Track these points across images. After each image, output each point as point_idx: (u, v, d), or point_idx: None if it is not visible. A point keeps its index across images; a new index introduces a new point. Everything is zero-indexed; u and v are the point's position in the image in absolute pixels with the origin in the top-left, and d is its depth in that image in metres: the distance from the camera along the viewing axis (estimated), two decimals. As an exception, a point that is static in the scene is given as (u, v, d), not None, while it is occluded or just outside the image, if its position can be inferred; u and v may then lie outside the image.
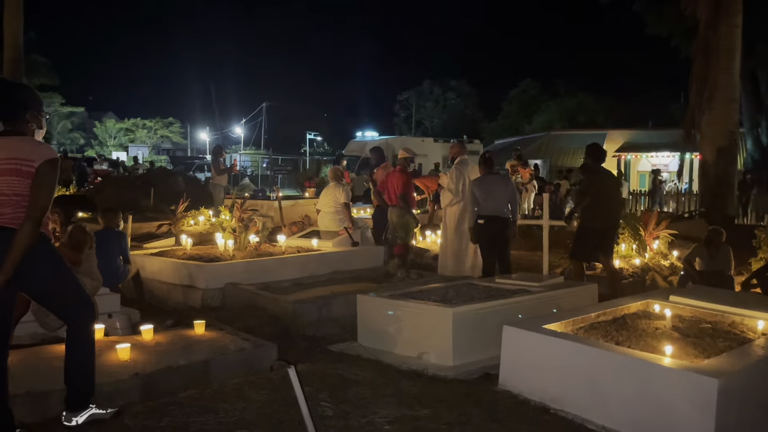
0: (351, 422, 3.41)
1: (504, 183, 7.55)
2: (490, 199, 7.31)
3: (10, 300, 3.12)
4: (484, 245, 7.50)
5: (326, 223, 8.78)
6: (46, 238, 3.16)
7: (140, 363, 4.07)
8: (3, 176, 2.99)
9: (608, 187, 7.04)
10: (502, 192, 7.38)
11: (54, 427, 3.32)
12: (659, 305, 4.74)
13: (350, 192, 8.83)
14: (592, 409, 3.57)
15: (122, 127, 49.44)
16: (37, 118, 3.18)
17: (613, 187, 7.32)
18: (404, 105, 53.87)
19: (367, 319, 5.32)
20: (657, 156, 26.39)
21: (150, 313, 5.81)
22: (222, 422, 3.34)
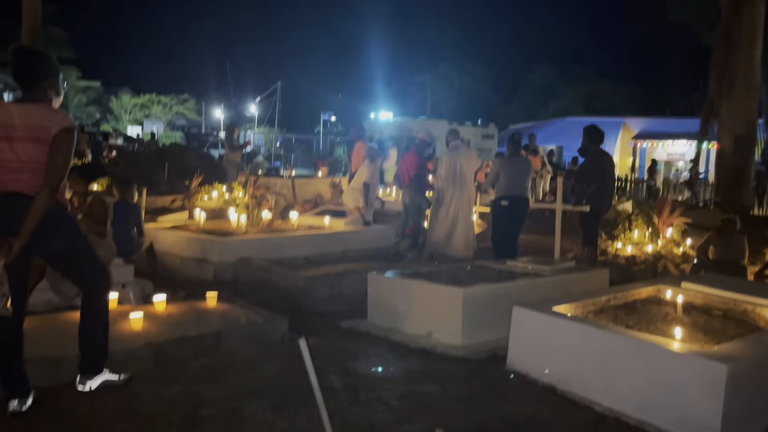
0: (359, 396, 3.45)
1: (529, 165, 7.66)
2: (517, 180, 7.36)
3: (26, 266, 3.16)
4: (502, 225, 7.49)
5: (347, 199, 8.82)
6: (63, 206, 3.19)
7: (153, 332, 4.12)
8: (21, 143, 3.02)
9: (608, 169, 7.09)
10: (526, 174, 7.50)
11: (67, 391, 3.38)
12: (671, 291, 4.73)
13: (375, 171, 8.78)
14: (600, 391, 3.58)
15: (138, 103, 49.53)
16: (55, 86, 3.20)
17: (612, 169, 7.39)
18: (419, 87, 53.52)
19: (378, 297, 5.35)
20: (673, 144, 26.09)
21: (162, 285, 5.86)
22: (233, 391, 3.38)
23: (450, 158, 8.07)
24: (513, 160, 7.57)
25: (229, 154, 13.51)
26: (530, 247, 9.06)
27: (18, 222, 2.97)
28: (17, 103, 3.14)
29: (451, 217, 8.00)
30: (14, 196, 3.03)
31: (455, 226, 8.02)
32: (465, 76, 52.24)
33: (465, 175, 8.07)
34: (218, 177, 12.39)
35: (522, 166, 7.55)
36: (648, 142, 26.98)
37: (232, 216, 7.67)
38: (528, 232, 10.62)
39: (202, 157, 16.96)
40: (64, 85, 3.31)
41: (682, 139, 25.64)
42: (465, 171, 8.07)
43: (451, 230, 8.01)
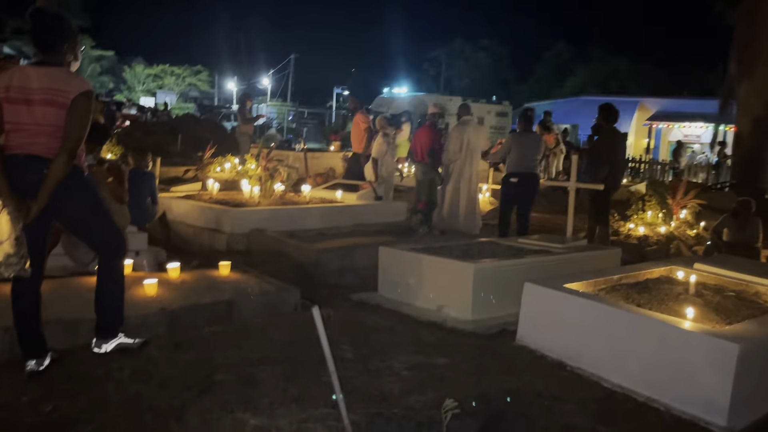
0: (370, 366, 3.48)
1: (540, 142, 7.64)
2: (527, 156, 7.34)
3: (44, 229, 3.20)
4: (509, 201, 7.50)
5: (367, 172, 8.85)
6: (80, 170, 3.21)
7: (166, 299, 4.17)
8: (39, 106, 3.03)
9: (620, 148, 7.13)
10: (537, 151, 7.48)
11: (83, 353, 3.44)
12: (683, 272, 4.71)
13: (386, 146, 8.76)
14: (609, 368, 3.59)
15: (151, 73, 49.48)
16: (73, 50, 3.20)
17: (624, 148, 7.40)
18: (434, 63, 53.02)
19: (389, 270, 5.37)
20: (690, 126, 25.76)
21: (175, 254, 5.91)
22: (245, 358, 3.43)
23: (459, 132, 8.04)
24: (524, 136, 7.56)
25: (241, 126, 13.49)
26: (541, 226, 9.05)
27: (36, 185, 3.00)
28: (35, 65, 3.14)
29: (458, 192, 8.03)
30: (32, 159, 3.05)
31: (463, 201, 8.05)
32: (480, 52, 51.64)
33: (473, 151, 8.04)
34: (231, 149, 12.41)
35: (533, 142, 7.51)
36: (664, 124, 26.65)
37: (244, 187, 7.69)
38: (539, 211, 10.61)
39: (214, 129, 16.99)
40: (80, 50, 3.31)
41: (698, 120, 25.31)
42: (474, 146, 8.05)
43: (458, 205, 8.04)
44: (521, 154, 7.35)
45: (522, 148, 7.38)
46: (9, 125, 3.06)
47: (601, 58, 42.79)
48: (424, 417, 2.89)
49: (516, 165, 7.36)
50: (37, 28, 3.15)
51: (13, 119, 3.05)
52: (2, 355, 3.34)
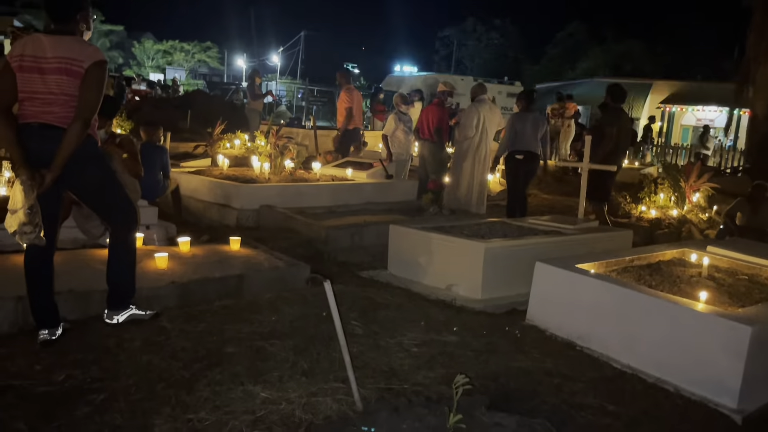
0: (380, 341, 3.49)
1: (541, 121, 7.59)
2: (529, 135, 7.35)
3: (57, 198, 3.20)
4: (517, 180, 7.51)
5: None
6: (94, 140, 3.20)
7: (177, 272, 4.19)
8: (53, 75, 3.01)
9: (624, 128, 7.17)
10: (538, 129, 7.44)
11: (95, 324, 3.46)
12: (696, 254, 4.68)
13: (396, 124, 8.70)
14: (619, 349, 3.59)
15: (160, 49, 49.31)
16: (86, 19, 3.18)
17: (628, 129, 7.47)
18: (445, 42, 52.54)
19: (398, 248, 5.37)
20: (704, 110, 25.46)
21: (186, 228, 5.92)
22: (256, 332, 3.44)
23: (473, 111, 7.95)
24: (524, 115, 7.50)
25: (251, 102, 13.45)
26: (552, 208, 9.01)
27: (50, 154, 3.00)
28: (49, 34, 3.12)
29: (470, 170, 7.95)
30: (46, 127, 3.04)
31: (473, 180, 7.98)
32: (492, 32, 51.12)
33: (487, 130, 7.95)
34: (240, 125, 12.38)
35: (534, 121, 7.46)
36: (677, 107, 26.35)
37: (255, 163, 7.68)
38: (550, 193, 10.58)
39: (224, 105, 16.94)
40: (92, 19, 3.29)
41: (712, 104, 25.01)
42: (488, 125, 7.95)
43: (469, 184, 7.97)
44: (522, 133, 7.35)
45: (523, 127, 7.36)
46: (23, 94, 3.05)
47: (614, 39, 42.25)
48: (434, 393, 2.90)
49: (518, 143, 7.35)
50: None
51: (27, 88, 3.04)
52: (15, 325, 3.37)
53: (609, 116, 7.18)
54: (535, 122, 7.44)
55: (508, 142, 7.50)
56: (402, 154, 8.98)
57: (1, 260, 4.12)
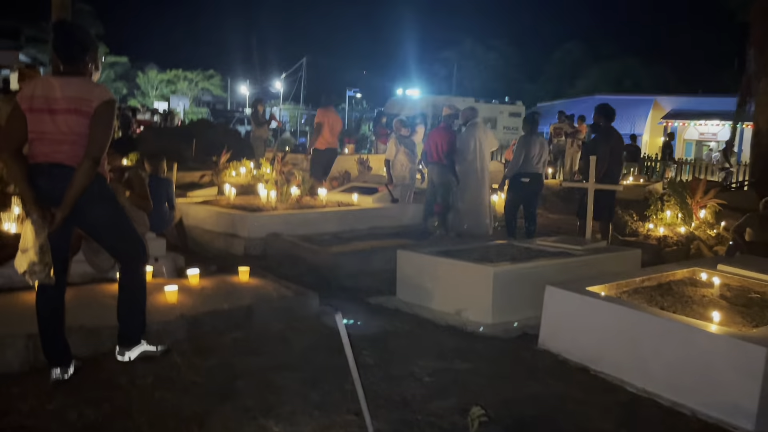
0: (392, 372, 3.47)
1: (545, 144, 7.95)
2: (536, 158, 7.62)
3: (67, 236, 3.22)
4: (518, 201, 7.76)
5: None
6: (103, 178, 3.23)
7: (187, 305, 4.18)
8: (63, 115, 3.05)
9: (616, 147, 7.30)
10: (544, 152, 7.80)
11: (106, 360, 3.45)
12: (706, 273, 4.65)
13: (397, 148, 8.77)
14: (633, 372, 3.56)
15: (164, 78, 49.88)
16: (95, 60, 3.23)
17: (620, 147, 7.63)
18: (444, 64, 52.92)
19: (406, 274, 5.35)
20: (706, 124, 25.53)
21: (193, 259, 5.93)
22: (266, 364, 3.42)
23: (470, 135, 8.14)
24: (532, 138, 7.78)
25: (255, 130, 13.56)
26: (558, 228, 9.00)
27: (60, 193, 3.03)
28: (58, 76, 3.17)
29: (473, 193, 8.08)
30: (56, 167, 3.07)
31: (477, 204, 8.10)
32: (491, 52, 51.50)
33: (484, 152, 8.17)
34: (245, 153, 12.46)
35: (540, 144, 7.80)
36: (679, 122, 26.43)
37: (261, 192, 7.71)
38: (556, 213, 10.56)
39: (228, 133, 17.06)
40: (101, 59, 3.34)
41: (714, 118, 25.08)
42: (484, 148, 8.18)
43: (473, 207, 8.08)
44: (529, 155, 7.64)
45: (530, 150, 7.66)
46: (33, 134, 3.09)
47: (612, 56, 42.53)
48: (448, 423, 2.88)
49: (525, 165, 7.63)
50: (60, 40, 3.17)
51: (37, 128, 3.07)
52: (26, 363, 3.36)
53: (601, 136, 7.31)
54: (541, 145, 7.81)
55: (516, 164, 7.71)
56: (405, 177, 9.02)
57: (12, 298, 4.14)
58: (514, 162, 7.77)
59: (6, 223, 5.08)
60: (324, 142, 9.43)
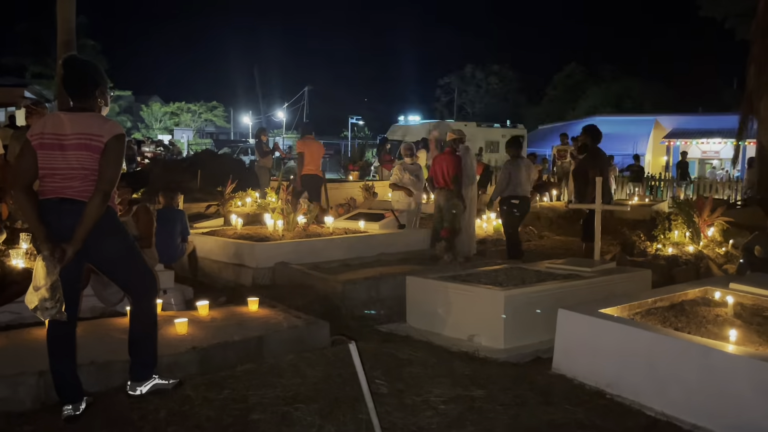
0: (406, 400, 3.42)
1: (531, 166, 8.38)
2: (523, 180, 7.93)
3: (78, 271, 3.22)
4: (517, 223, 8.05)
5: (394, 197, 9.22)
6: (113, 212, 3.24)
7: (197, 337, 4.16)
8: (73, 150, 3.07)
9: (605, 168, 7.56)
10: (529, 175, 8.13)
11: (118, 396, 3.42)
12: (719, 292, 4.61)
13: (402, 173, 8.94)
14: (651, 395, 3.51)
15: (167, 111, 50.41)
16: (104, 95, 3.26)
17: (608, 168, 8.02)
18: (446, 89, 53.39)
19: (416, 300, 5.33)
20: (708, 143, 25.58)
21: (202, 290, 5.92)
22: (280, 396, 3.39)
23: (465, 159, 8.31)
24: (518, 162, 8.04)
25: (260, 160, 13.63)
26: (567, 249, 8.97)
27: (71, 228, 3.03)
28: (68, 112, 3.20)
29: (469, 217, 8.34)
30: (67, 202, 3.08)
31: (469, 226, 8.37)
32: (491, 76, 51.98)
33: (473, 177, 8.57)
34: (250, 183, 12.50)
35: (526, 167, 8.11)
36: (681, 141, 26.49)
37: (268, 221, 7.72)
38: (562, 234, 10.54)
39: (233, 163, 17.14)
40: (110, 94, 3.37)
41: (716, 136, 25.13)
42: (473, 173, 8.56)
43: (468, 230, 8.29)
44: (517, 178, 7.89)
45: (518, 173, 7.92)
46: (43, 170, 3.11)
47: (612, 78, 42.84)
48: (466, 452, 2.83)
49: (513, 188, 7.89)
50: (70, 76, 3.21)
51: (47, 164, 3.09)
52: (38, 400, 3.34)
53: (590, 157, 7.46)
54: (527, 167, 8.11)
55: (503, 187, 7.99)
56: (411, 203, 9.04)
57: (22, 334, 4.11)
58: (500, 185, 8.05)
59: (15, 259, 5.09)
60: (306, 169, 10.00)
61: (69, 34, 15.12)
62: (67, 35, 15.33)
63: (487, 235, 9.71)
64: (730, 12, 20.57)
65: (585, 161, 7.50)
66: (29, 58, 32.29)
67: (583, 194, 7.23)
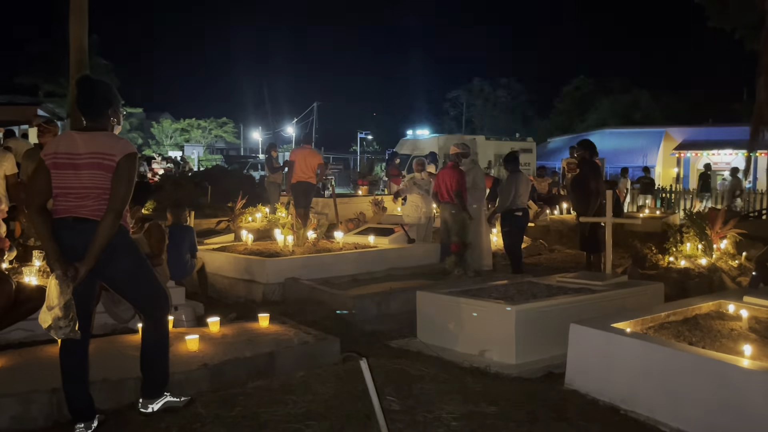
0: (417, 417, 3.40)
1: (529, 181, 8.69)
2: (523, 193, 8.10)
3: (91, 290, 3.24)
4: (519, 235, 8.20)
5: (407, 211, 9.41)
6: (125, 230, 3.26)
7: (208, 354, 4.16)
8: (86, 170, 3.10)
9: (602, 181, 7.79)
10: (528, 189, 8.36)
11: (129, 413, 3.42)
12: (733, 306, 4.56)
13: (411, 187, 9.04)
14: (665, 411, 3.46)
15: (178, 128, 50.80)
16: (117, 114, 3.29)
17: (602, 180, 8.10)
18: (454, 103, 53.52)
19: (427, 315, 5.31)
20: (719, 154, 25.41)
21: (212, 307, 5.94)
22: (291, 413, 3.37)
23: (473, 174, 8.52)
24: (517, 176, 8.19)
25: (270, 176, 13.71)
26: (577, 263, 8.91)
27: (84, 247, 3.05)
28: (81, 131, 3.23)
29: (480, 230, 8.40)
30: (80, 221, 3.11)
31: (481, 240, 8.41)
32: (499, 90, 52.03)
33: (483, 191, 8.81)
34: (259, 198, 12.56)
35: (526, 181, 8.35)
36: (692, 152, 26.35)
37: (278, 236, 7.74)
38: (572, 247, 10.48)
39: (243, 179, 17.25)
40: (122, 113, 3.41)
41: (727, 147, 24.98)
42: (483, 186, 8.78)
43: (478, 243, 8.29)
44: (517, 192, 8.04)
45: (518, 186, 8.05)
46: (57, 190, 3.14)
47: (621, 90, 42.79)
48: (479, 470, 2.80)
49: (516, 201, 8.03)
50: (83, 95, 3.24)
51: (61, 184, 3.12)
52: (50, 418, 3.34)
53: (588, 170, 7.58)
54: (526, 182, 8.33)
55: (506, 201, 8.07)
56: (421, 218, 9.06)
57: (35, 352, 4.13)
58: (504, 199, 8.11)
59: (27, 276, 5.12)
60: (296, 177, 10.21)
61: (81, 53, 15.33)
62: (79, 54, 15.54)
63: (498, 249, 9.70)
64: (739, 23, 20.53)
65: (584, 174, 7.59)
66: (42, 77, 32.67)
67: (585, 206, 7.35)
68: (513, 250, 8.17)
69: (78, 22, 15.70)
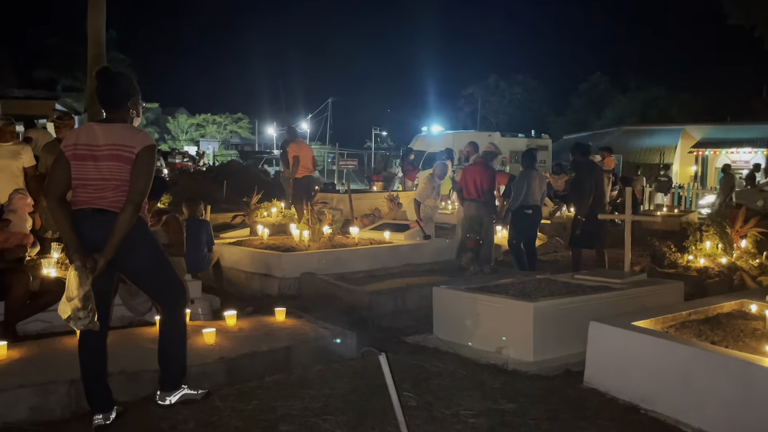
0: (435, 413, 3.38)
1: (544, 178, 8.57)
2: (536, 191, 8.00)
3: (110, 281, 3.25)
4: (525, 232, 8.07)
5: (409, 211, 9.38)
6: (144, 222, 3.26)
7: (225, 347, 4.16)
8: (105, 161, 3.11)
9: (599, 180, 7.92)
10: (543, 185, 8.24)
11: (147, 405, 3.43)
12: (756, 305, 4.49)
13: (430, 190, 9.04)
14: (687, 411, 3.41)
15: (193, 123, 51.08)
16: (136, 106, 3.30)
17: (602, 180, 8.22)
18: (469, 100, 53.25)
19: (444, 311, 5.28)
20: (738, 152, 25.09)
21: (228, 300, 5.94)
22: (308, 408, 3.36)
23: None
24: (531, 173, 8.11)
25: (285, 171, 13.70)
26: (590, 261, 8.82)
27: (103, 239, 3.05)
28: (101, 123, 3.24)
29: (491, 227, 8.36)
30: (99, 212, 3.11)
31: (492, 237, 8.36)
32: (515, 86, 51.70)
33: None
34: (275, 193, 12.57)
35: (540, 178, 8.23)
36: (710, 150, 26.05)
37: (293, 231, 7.74)
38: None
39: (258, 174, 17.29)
40: (142, 105, 3.41)
41: (746, 146, 24.67)
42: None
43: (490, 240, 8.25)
44: (533, 190, 7.97)
45: (531, 184, 7.95)
46: (76, 181, 3.14)
47: (638, 87, 42.37)
48: (498, 467, 2.77)
49: (527, 199, 7.95)
50: (103, 87, 3.25)
51: (80, 175, 3.13)
52: (68, 409, 3.36)
53: (584, 171, 7.80)
54: (540, 179, 8.19)
55: (518, 198, 8.01)
56: (434, 217, 9.10)
57: (53, 343, 4.15)
58: (516, 196, 8.05)
59: (46, 269, 5.16)
60: (302, 171, 10.43)
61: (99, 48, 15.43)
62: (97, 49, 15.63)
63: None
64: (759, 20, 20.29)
65: (579, 176, 7.87)
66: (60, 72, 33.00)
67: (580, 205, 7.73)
68: (527, 248, 8.09)
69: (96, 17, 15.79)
